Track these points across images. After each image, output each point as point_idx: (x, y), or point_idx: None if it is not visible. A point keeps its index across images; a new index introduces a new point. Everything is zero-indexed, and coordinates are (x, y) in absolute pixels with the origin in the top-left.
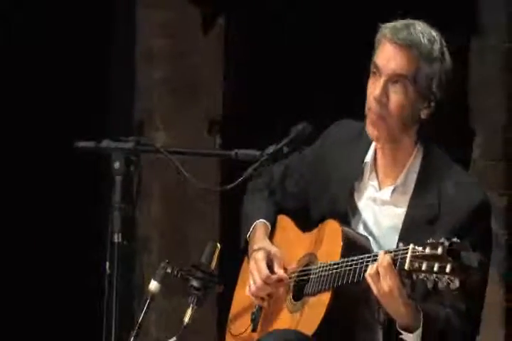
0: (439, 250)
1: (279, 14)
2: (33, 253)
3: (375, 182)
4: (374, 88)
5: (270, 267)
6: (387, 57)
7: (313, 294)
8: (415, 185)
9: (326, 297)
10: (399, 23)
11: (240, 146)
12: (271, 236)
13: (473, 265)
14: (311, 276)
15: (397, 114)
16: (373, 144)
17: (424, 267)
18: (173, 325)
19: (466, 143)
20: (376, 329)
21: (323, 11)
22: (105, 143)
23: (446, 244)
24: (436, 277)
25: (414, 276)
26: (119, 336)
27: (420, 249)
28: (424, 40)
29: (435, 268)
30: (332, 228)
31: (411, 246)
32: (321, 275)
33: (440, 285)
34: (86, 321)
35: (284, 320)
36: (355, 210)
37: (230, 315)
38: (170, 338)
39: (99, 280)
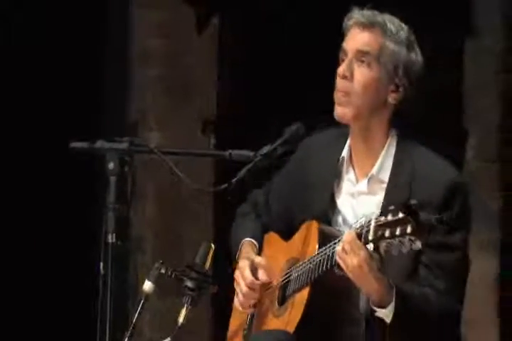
0: (400, 214)
1: (273, 14)
2: (28, 253)
3: (351, 176)
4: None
5: (255, 275)
6: (353, 38)
7: (294, 293)
8: (391, 172)
9: (305, 292)
10: (365, 10)
11: (234, 147)
12: (259, 254)
13: (431, 221)
14: (291, 278)
15: (362, 91)
16: (348, 141)
17: (387, 233)
18: (167, 326)
19: (459, 144)
20: (362, 323)
21: (320, 11)
22: (99, 144)
23: (406, 206)
24: (399, 241)
25: (381, 249)
26: (114, 336)
27: (383, 217)
28: (389, 24)
29: (397, 232)
30: (309, 228)
31: (374, 216)
32: (299, 275)
33: (404, 249)
34: (80, 321)
35: (273, 326)
36: (334, 209)
37: (227, 337)
38: (164, 338)
39: (94, 281)
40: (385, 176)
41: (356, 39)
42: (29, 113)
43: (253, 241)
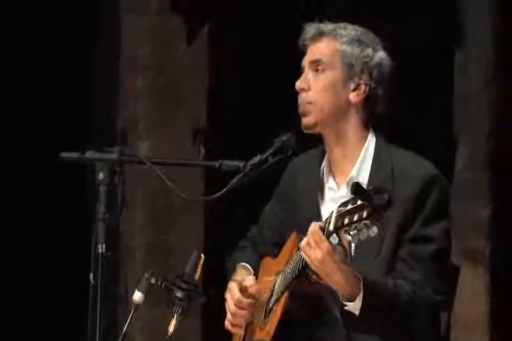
0: (359, 201)
1: (263, 23)
2: (18, 263)
3: (332, 184)
4: None
5: (244, 294)
6: (307, 54)
7: (275, 303)
8: (370, 173)
9: (282, 300)
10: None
11: (224, 156)
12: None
13: (382, 203)
14: (274, 289)
15: (320, 96)
16: (327, 154)
17: (346, 221)
18: (157, 335)
19: (449, 154)
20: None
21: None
22: (89, 154)
23: (362, 192)
24: (356, 227)
25: (344, 241)
26: None
27: (343, 207)
28: (339, 29)
29: (355, 218)
30: (291, 240)
31: (336, 206)
32: (278, 284)
33: (361, 236)
34: (71, 331)
35: (257, 338)
36: (319, 218)
37: None
38: None
39: (84, 291)
40: (365, 178)
41: (309, 53)
42: (17, 122)
43: (247, 265)
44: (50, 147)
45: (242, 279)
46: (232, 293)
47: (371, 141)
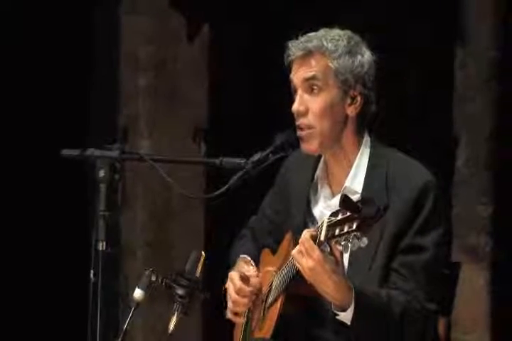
0: (348, 212)
1: (263, 22)
2: (18, 261)
3: (326, 192)
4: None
5: (246, 284)
6: (297, 72)
7: (272, 303)
8: (364, 181)
9: (279, 301)
10: (300, 39)
11: (225, 154)
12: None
13: (371, 215)
14: (272, 288)
15: (320, 119)
16: (322, 158)
17: (337, 232)
18: (158, 333)
19: (450, 151)
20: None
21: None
22: (90, 151)
23: (351, 203)
24: (346, 238)
25: (336, 251)
26: None
27: (333, 217)
28: (325, 42)
29: (345, 230)
30: (287, 239)
31: (326, 216)
32: (275, 284)
33: (352, 246)
34: (70, 328)
35: (258, 336)
36: (314, 222)
37: None
38: None
39: (84, 288)
40: (359, 186)
41: (300, 71)
42: (19, 121)
43: (247, 257)
44: (51, 144)
45: (244, 270)
46: (234, 282)
47: (366, 145)
